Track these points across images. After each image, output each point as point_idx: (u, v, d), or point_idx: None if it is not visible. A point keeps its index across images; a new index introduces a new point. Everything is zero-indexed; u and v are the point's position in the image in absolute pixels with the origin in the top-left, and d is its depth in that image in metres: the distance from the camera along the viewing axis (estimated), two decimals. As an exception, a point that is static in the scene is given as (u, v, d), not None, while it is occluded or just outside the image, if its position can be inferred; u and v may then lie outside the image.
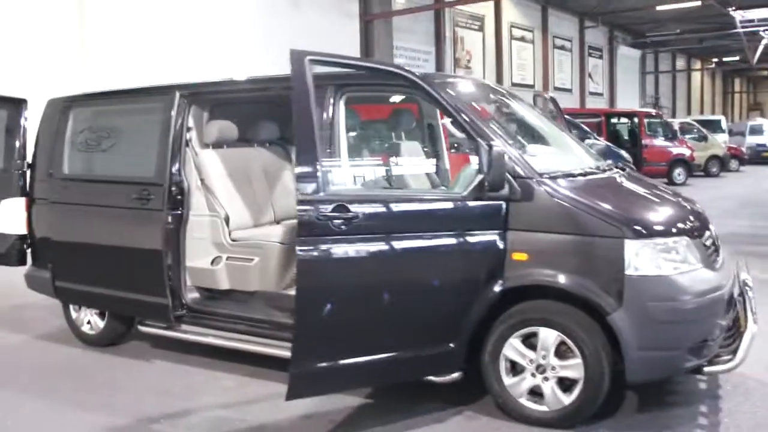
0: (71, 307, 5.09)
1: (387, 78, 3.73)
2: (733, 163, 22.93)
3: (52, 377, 4.49)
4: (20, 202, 5.10)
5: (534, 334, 3.41)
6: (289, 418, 3.66)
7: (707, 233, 3.66)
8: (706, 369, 3.46)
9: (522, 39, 23.54)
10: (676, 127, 21.06)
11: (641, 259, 3.20)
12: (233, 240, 4.51)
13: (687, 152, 18.44)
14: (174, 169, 4.39)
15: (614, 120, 19.16)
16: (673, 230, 3.37)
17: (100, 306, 4.85)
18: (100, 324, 4.96)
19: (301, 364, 3.09)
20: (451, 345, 3.41)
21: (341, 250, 3.12)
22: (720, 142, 21.94)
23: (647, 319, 3.20)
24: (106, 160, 4.76)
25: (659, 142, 18.10)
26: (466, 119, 3.47)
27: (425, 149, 5.14)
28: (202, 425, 3.65)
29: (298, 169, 3.07)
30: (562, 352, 3.38)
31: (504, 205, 3.39)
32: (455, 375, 3.58)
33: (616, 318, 3.21)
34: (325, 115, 3.78)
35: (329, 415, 3.67)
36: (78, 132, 4.90)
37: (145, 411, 3.83)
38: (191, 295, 4.53)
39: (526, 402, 3.47)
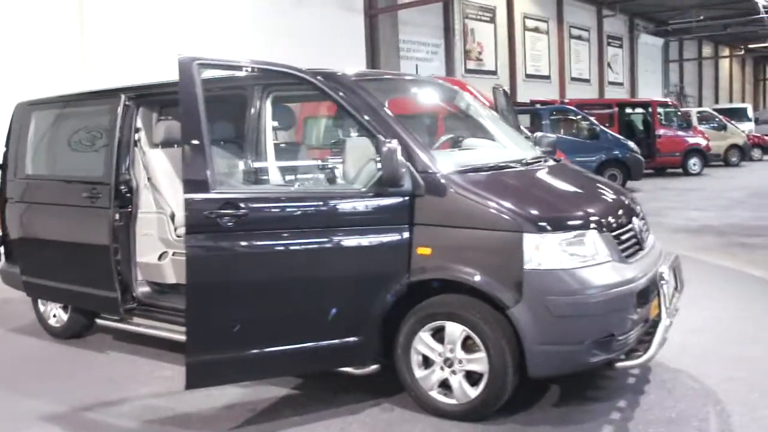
0: (39, 301, 5.32)
1: (280, 78, 3.77)
2: (756, 153, 22.44)
3: (13, 367, 4.73)
4: (-8, 202, 5.35)
5: (442, 328, 3.47)
6: (214, 407, 3.80)
7: (628, 227, 3.68)
8: (618, 364, 3.49)
9: (536, 30, 23.32)
10: (694, 116, 20.69)
11: (541, 253, 3.24)
12: (179, 236, 4.67)
13: (702, 142, 18.12)
14: (122, 168, 4.56)
15: (628, 110, 18.90)
16: (579, 224, 3.38)
17: (61, 300, 5.06)
18: (64, 317, 5.17)
19: (196, 354, 3.21)
20: (357, 338, 3.49)
21: (230, 245, 3.22)
22: (740, 131, 21.44)
23: (547, 313, 3.23)
24: (62, 161, 4.97)
25: (673, 132, 17.80)
26: (364, 117, 3.53)
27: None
28: (131, 413, 3.80)
29: (186, 169, 3.17)
30: (468, 345, 3.43)
31: (408, 201, 3.45)
32: (373, 367, 3.68)
33: (516, 312, 3.25)
34: (252, 114, 3.90)
35: (251, 405, 3.80)
36: (38, 134, 5.11)
37: (85, 399, 4.00)
38: (142, 289, 4.70)
39: (436, 395, 3.54)
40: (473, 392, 3.43)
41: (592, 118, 15.14)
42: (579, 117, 15.11)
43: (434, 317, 3.48)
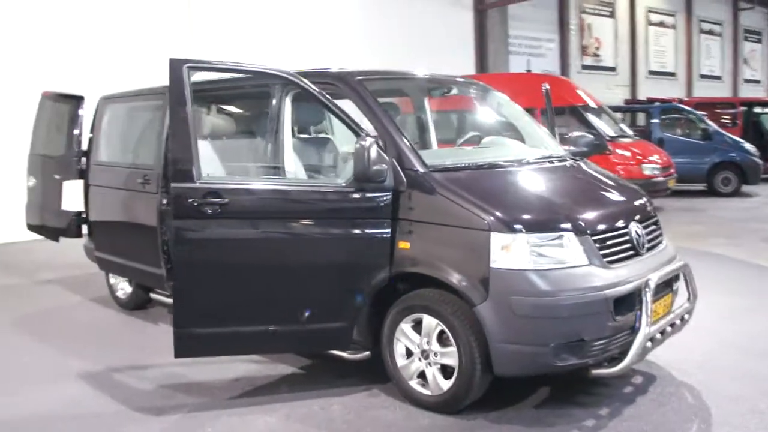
0: (110, 274, 5.97)
1: (267, 79, 3.97)
2: None
3: (77, 331, 5.35)
4: (78, 184, 6.04)
5: (421, 321, 3.58)
6: (222, 378, 4.14)
7: (619, 231, 3.59)
8: (593, 371, 3.44)
9: (661, 24, 22.05)
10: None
11: (509, 252, 3.26)
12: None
13: (843, 145, 16.32)
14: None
15: (758, 110, 17.42)
16: (552, 226, 3.36)
17: (122, 274, 5.65)
18: (129, 290, 5.77)
19: (182, 327, 3.52)
20: (340, 323, 3.67)
21: (212, 231, 3.48)
22: None
23: (511, 312, 3.25)
24: (125, 149, 5.54)
25: (806, 134, 16.19)
26: (344, 116, 3.69)
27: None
28: (152, 377, 4.23)
29: (173, 161, 3.48)
30: (443, 339, 3.52)
31: (390, 196, 3.58)
32: (364, 354, 3.87)
33: (482, 309, 3.30)
34: (273, 111, 4.19)
35: (254, 380, 4.12)
36: (109, 124, 5.73)
37: (121, 363, 4.49)
38: None
39: (415, 385, 3.65)
40: (446, 385, 3.52)
41: (706, 118, 14.17)
42: (692, 117, 14.20)
43: (413, 310, 3.60)
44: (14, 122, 8.48)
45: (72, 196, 6.06)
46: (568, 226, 3.38)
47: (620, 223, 3.63)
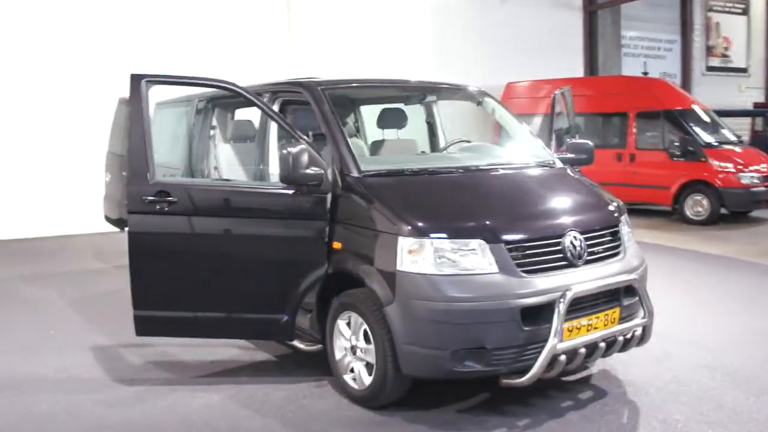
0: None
1: (220, 90, 4.26)
2: None
3: (112, 312, 5.87)
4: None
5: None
6: (201, 360, 4.56)
7: (546, 241, 3.56)
8: (503, 381, 3.45)
9: (805, 21, 19.93)
10: None
11: (414, 256, 3.37)
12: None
13: None
14: (193, 157, 5.55)
15: None
16: (460, 233, 3.42)
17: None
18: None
19: (139, 309, 3.93)
20: (281, 316, 3.93)
21: (162, 226, 3.86)
22: None
23: (413, 315, 3.35)
24: (163, 150, 6.14)
25: None
26: (283, 122, 3.94)
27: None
28: (146, 354, 4.72)
29: (130, 163, 3.90)
30: (367, 337, 3.67)
31: (327, 198, 3.80)
32: (317, 347, 4.13)
33: (389, 310, 3.43)
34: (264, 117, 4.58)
35: (225, 363, 4.52)
36: (157, 128, 6.36)
37: (129, 339, 4.97)
38: None
39: (348, 379, 3.84)
40: (368, 381, 3.68)
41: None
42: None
43: (346, 307, 3.79)
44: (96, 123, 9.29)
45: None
46: (478, 234, 3.42)
47: (549, 233, 3.58)
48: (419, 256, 3.36)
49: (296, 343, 4.24)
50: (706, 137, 10.91)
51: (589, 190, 4.23)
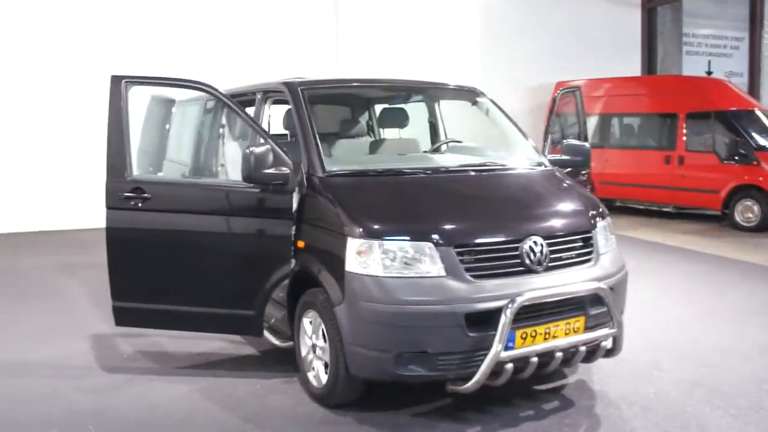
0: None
1: (195, 90, 4.31)
2: None
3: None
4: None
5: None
6: (187, 352, 4.71)
7: (501, 246, 3.48)
8: (449, 387, 3.42)
9: None
10: None
11: (361, 257, 3.38)
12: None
13: None
14: (201, 155, 5.72)
15: None
16: (409, 235, 3.39)
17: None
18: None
19: (117, 301, 4.10)
20: (249, 312, 4.00)
21: (138, 220, 4.00)
22: None
23: (359, 316, 3.36)
24: (178, 147, 6.35)
25: None
26: (253, 123, 4.02)
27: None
28: (137, 343, 4.91)
29: (108, 160, 4.02)
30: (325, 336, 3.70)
31: (295, 197, 3.85)
32: (289, 343, 4.18)
33: (339, 311, 3.45)
34: (255, 115, 4.70)
35: (209, 356, 4.66)
36: (175, 125, 6.61)
37: (129, 329, 5.18)
38: None
39: (310, 377, 3.89)
40: (325, 380, 3.72)
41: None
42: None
43: (308, 306, 3.84)
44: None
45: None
46: (428, 237, 3.39)
47: (504, 238, 3.50)
48: (368, 257, 3.37)
49: (272, 339, 4.31)
50: (760, 140, 10.34)
51: (567, 194, 4.10)
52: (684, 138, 11.01)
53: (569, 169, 4.74)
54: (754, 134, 10.39)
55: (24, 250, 8.84)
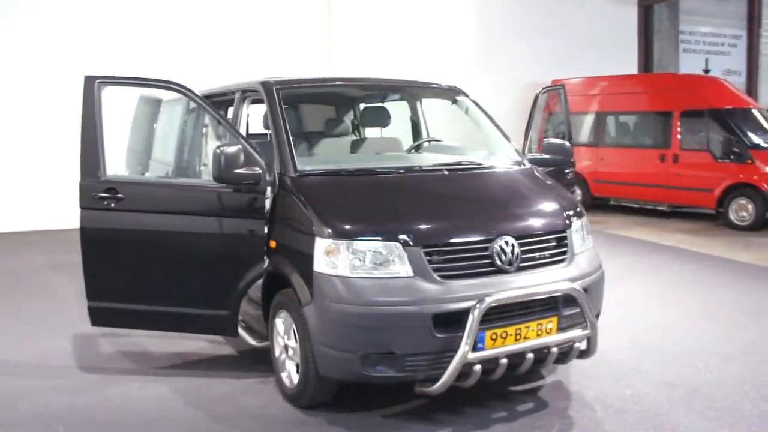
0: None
1: (168, 90, 4.30)
2: None
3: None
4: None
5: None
6: (167, 352, 4.70)
7: (471, 246, 3.46)
8: (417, 388, 3.42)
9: None
10: None
11: (329, 258, 3.36)
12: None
13: None
14: (184, 155, 5.72)
15: None
16: (377, 235, 3.37)
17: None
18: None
19: (93, 301, 4.09)
20: (223, 311, 3.99)
21: (112, 220, 3.99)
22: None
23: (326, 316, 3.35)
24: (162, 146, 6.35)
25: None
26: (225, 123, 4.01)
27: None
28: (119, 343, 4.91)
29: (82, 161, 4.01)
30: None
31: (267, 197, 3.84)
32: (265, 343, 4.17)
33: (307, 311, 3.44)
34: (234, 115, 4.70)
35: (188, 356, 4.65)
36: (161, 125, 6.61)
37: (114, 329, 5.19)
38: None
39: (283, 377, 3.88)
40: (296, 380, 3.70)
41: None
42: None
43: (281, 306, 3.83)
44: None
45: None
46: (395, 237, 3.37)
47: (474, 238, 3.48)
48: (335, 257, 3.35)
49: (249, 339, 4.31)
50: (755, 138, 10.29)
51: (543, 193, 4.07)
52: (678, 136, 10.97)
53: (552, 169, 4.72)
54: (748, 132, 10.35)
55: (14, 250, 8.85)
